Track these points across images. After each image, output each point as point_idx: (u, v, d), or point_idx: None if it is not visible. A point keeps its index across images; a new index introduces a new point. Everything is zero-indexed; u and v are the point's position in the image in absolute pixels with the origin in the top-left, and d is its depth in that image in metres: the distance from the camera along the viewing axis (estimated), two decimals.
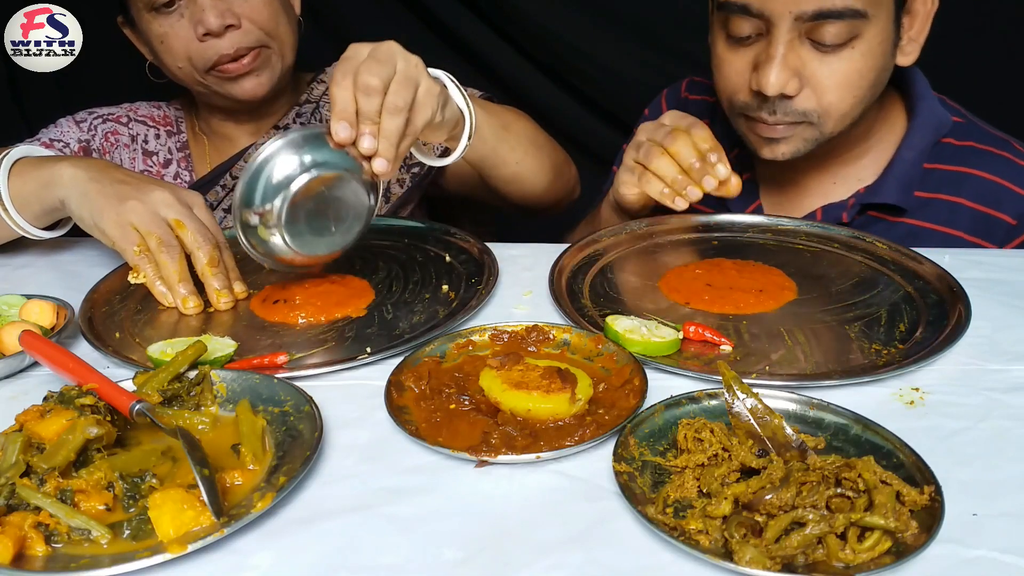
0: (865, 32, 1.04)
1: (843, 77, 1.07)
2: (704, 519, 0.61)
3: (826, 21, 1.02)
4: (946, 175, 1.16)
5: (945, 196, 1.16)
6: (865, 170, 1.21)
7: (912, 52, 1.13)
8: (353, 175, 0.92)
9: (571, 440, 0.70)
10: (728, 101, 1.16)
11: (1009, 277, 1.02)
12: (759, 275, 1.02)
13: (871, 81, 1.09)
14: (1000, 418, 0.75)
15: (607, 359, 0.84)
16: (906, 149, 1.17)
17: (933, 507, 0.61)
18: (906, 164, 1.16)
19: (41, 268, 1.12)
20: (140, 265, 0.97)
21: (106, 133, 1.37)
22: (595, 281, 1.03)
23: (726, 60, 1.12)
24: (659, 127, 1.09)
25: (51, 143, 1.30)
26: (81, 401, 0.72)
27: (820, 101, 1.08)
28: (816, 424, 0.73)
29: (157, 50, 1.29)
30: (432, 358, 0.84)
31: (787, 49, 1.05)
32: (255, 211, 0.91)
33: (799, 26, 1.04)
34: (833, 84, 1.07)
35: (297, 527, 0.64)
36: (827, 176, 1.23)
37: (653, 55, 1.90)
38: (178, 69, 1.29)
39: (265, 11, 1.26)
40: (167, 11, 1.24)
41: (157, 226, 0.96)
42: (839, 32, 1.03)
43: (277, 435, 0.73)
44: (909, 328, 0.90)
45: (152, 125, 1.43)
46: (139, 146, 1.40)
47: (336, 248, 0.97)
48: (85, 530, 0.62)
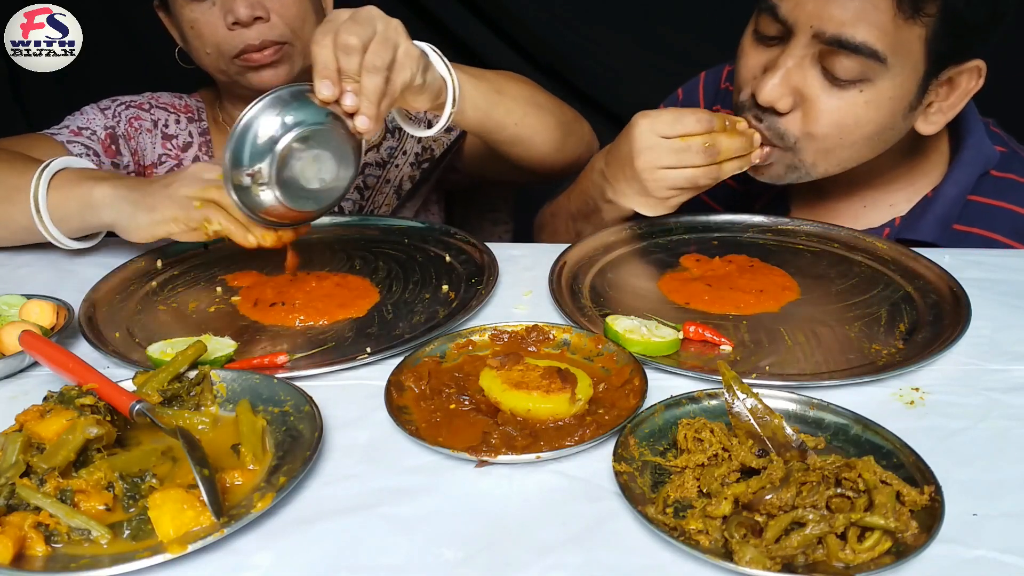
0: (878, 80, 0.99)
1: (839, 115, 1.02)
2: (704, 519, 0.61)
3: (841, 52, 0.98)
4: (984, 208, 1.13)
5: (980, 231, 1.13)
6: (897, 195, 1.18)
7: (937, 123, 1.08)
8: (336, 129, 0.94)
9: (571, 440, 0.70)
10: (735, 94, 1.14)
11: (1009, 277, 1.02)
12: (761, 275, 1.02)
13: (868, 132, 1.04)
14: (1000, 418, 0.75)
15: (607, 359, 0.84)
16: (951, 185, 1.13)
17: (933, 507, 0.61)
18: (948, 201, 1.12)
19: (41, 268, 1.12)
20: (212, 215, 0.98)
21: (129, 119, 1.40)
22: (595, 281, 1.03)
23: (746, 53, 1.10)
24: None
25: (79, 131, 1.32)
26: (81, 401, 0.72)
27: (804, 128, 1.04)
28: (816, 424, 0.73)
29: (187, 35, 1.32)
30: (432, 358, 0.84)
31: (795, 64, 1.01)
32: (246, 172, 0.92)
33: (815, 45, 1.00)
34: (825, 118, 1.02)
35: (297, 527, 0.64)
36: (856, 199, 1.20)
37: (653, 55, 1.90)
38: (206, 55, 1.32)
39: (293, 8, 1.31)
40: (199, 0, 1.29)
41: (206, 190, 0.98)
42: (851, 68, 0.99)
43: (277, 435, 0.73)
44: (909, 328, 0.90)
45: (173, 112, 1.46)
46: (159, 130, 1.43)
47: (326, 202, 0.99)
48: (85, 530, 0.62)
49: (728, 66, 1.37)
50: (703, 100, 1.36)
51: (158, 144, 1.43)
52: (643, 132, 1.04)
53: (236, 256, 1.10)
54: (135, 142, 1.39)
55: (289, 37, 1.31)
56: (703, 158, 1.03)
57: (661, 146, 1.03)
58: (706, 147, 1.02)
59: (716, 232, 1.16)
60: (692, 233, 1.16)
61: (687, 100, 1.39)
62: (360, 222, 1.22)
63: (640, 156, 1.04)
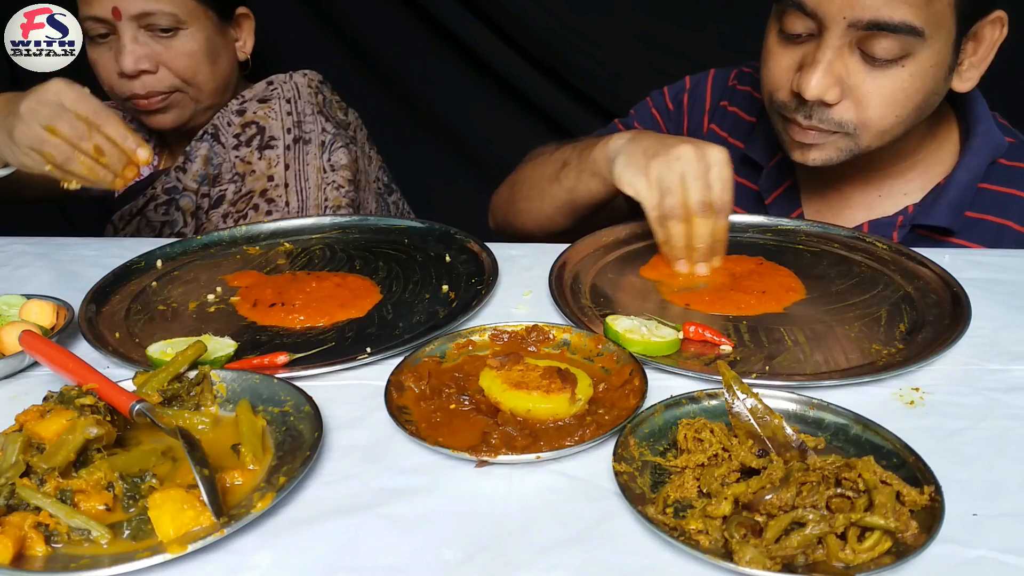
0: (918, 52, 1.01)
1: (888, 94, 1.03)
2: (704, 519, 0.61)
3: (879, 33, 0.99)
4: (995, 196, 1.14)
5: (992, 217, 1.14)
6: (911, 184, 1.19)
7: (971, 79, 1.09)
8: None
9: (571, 440, 0.70)
10: (768, 97, 1.14)
11: (1009, 277, 1.02)
12: (768, 276, 1.02)
13: (917, 103, 1.06)
14: (1000, 418, 0.75)
15: (607, 359, 0.84)
16: (963, 171, 1.14)
17: (933, 507, 0.61)
18: (960, 187, 1.14)
19: (41, 268, 1.12)
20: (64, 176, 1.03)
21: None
22: (595, 281, 1.03)
23: (774, 54, 1.10)
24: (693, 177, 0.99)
25: None
26: (81, 401, 0.72)
27: (859, 114, 1.05)
28: (816, 424, 0.73)
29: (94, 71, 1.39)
30: (432, 358, 0.84)
31: (835, 55, 1.02)
32: None
33: (851, 34, 1.00)
34: (876, 100, 1.04)
35: (297, 527, 0.64)
36: (872, 188, 1.21)
37: (653, 55, 1.90)
38: (107, 92, 1.40)
39: (183, 61, 1.37)
40: (99, 41, 1.36)
41: (42, 142, 1.00)
42: (891, 47, 1.00)
43: (277, 435, 0.73)
44: (909, 328, 0.90)
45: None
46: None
47: None
48: (85, 530, 0.62)
49: (738, 67, 1.37)
50: (710, 96, 1.37)
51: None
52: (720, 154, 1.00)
53: (236, 257, 1.10)
54: None
55: (179, 86, 1.38)
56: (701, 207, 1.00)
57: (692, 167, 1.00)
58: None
59: None
60: None
61: (694, 91, 1.39)
62: (360, 222, 1.22)
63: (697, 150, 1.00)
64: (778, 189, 1.26)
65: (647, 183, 1.01)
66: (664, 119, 1.41)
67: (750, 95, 1.33)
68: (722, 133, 1.35)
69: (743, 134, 1.32)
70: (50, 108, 1.00)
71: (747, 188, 1.30)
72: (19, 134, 1.01)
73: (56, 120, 1.00)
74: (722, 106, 1.35)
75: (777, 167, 1.24)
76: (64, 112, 1.00)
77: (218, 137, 1.44)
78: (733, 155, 1.32)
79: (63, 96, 1.01)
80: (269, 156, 1.42)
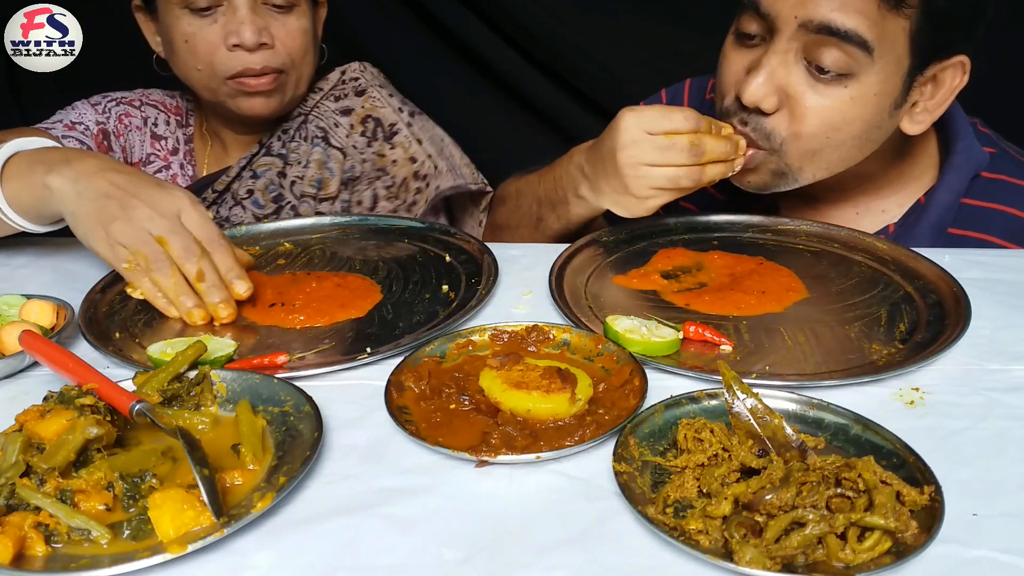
0: (863, 74, 0.99)
1: (825, 112, 1.01)
2: (704, 519, 0.61)
3: (828, 40, 0.97)
4: (976, 211, 1.13)
5: (975, 233, 1.13)
6: (888, 201, 1.18)
7: (923, 122, 1.07)
8: None
9: (571, 440, 0.70)
10: (718, 102, 1.13)
11: (1009, 277, 1.02)
12: (768, 276, 1.02)
13: (854, 130, 1.03)
14: (1000, 418, 0.75)
15: (607, 359, 0.84)
16: (944, 191, 1.13)
17: (933, 507, 0.61)
18: (942, 207, 1.12)
19: (41, 268, 1.12)
20: (136, 281, 0.95)
21: (119, 116, 1.38)
22: (595, 281, 1.03)
23: (727, 57, 1.10)
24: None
25: (72, 126, 1.31)
26: (81, 401, 0.72)
27: (791, 127, 1.03)
28: (816, 424, 0.73)
29: (177, 47, 1.27)
30: (432, 358, 0.84)
31: (779, 62, 1.01)
32: None
33: (801, 38, 0.99)
34: (811, 115, 1.01)
35: (297, 527, 0.64)
36: (849, 205, 1.20)
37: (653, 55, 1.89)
38: (195, 71, 1.28)
39: (299, 39, 1.28)
40: (202, 14, 1.24)
41: (144, 244, 0.92)
42: (837, 60, 0.98)
43: (277, 435, 0.73)
44: (909, 328, 0.90)
45: (163, 111, 1.44)
46: (149, 129, 1.42)
47: None
48: (85, 530, 0.62)
49: (712, 78, 1.37)
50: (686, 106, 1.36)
51: (147, 142, 1.42)
52: (629, 126, 1.02)
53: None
54: (124, 139, 1.38)
55: (288, 66, 1.29)
56: (688, 157, 1.01)
57: (646, 141, 1.01)
58: (692, 146, 1.01)
59: (716, 232, 1.16)
60: (692, 233, 1.16)
61: (670, 103, 1.38)
62: (360, 222, 1.22)
63: (624, 150, 1.02)
64: (756, 204, 1.26)
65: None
66: None
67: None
68: None
69: None
70: (169, 222, 0.92)
71: (726, 204, 1.29)
72: (118, 229, 0.92)
73: (171, 235, 0.92)
74: None
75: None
76: (182, 230, 0.93)
77: (328, 140, 1.39)
78: None
79: (186, 214, 0.94)
80: (400, 141, 1.39)
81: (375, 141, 1.40)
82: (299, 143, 1.40)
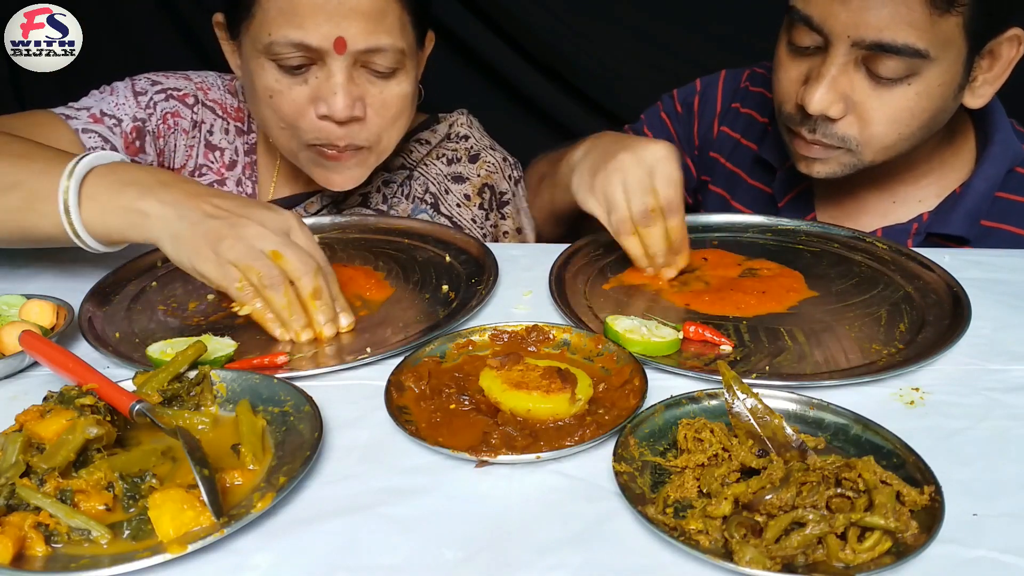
0: (925, 71, 1.00)
1: (893, 112, 1.03)
2: (704, 519, 0.61)
3: (884, 54, 0.98)
4: (1011, 205, 1.14)
5: (1008, 227, 1.14)
6: (926, 190, 1.18)
7: (985, 95, 1.08)
8: None
9: (571, 440, 0.70)
10: (778, 108, 1.14)
11: (1009, 277, 1.02)
12: (769, 277, 1.02)
13: (923, 121, 1.05)
14: (1000, 418, 0.76)
15: (607, 359, 0.84)
16: (980, 180, 1.14)
17: (933, 507, 0.61)
18: (978, 195, 1.13)
19: (41, 268, 1.12)
20: (246, 300, 0.89)
21: (165, 114, 1.23)
22: (595, 281, 1.03)
23: (783, 65, 1.10)
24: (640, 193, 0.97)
25: (100, 117, 1.17)
26: (81, 401, 0.72)
27: (862, 131, 1.05)
28: (816, 424, 0.73)
29: (259, 97, 1.13)
30: (432, 358, 0.84)
31: (839, 71, 1.02)
32: None
33: (856, 52, 1.00)
34: (881, 117, 1.03)
35: (297, 527, 0.64)
36: (886, 194, 1.20)
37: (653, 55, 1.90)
38: (278, 128, 1.14)
39: (395, 107, 1.13)
40: (293, 72, 1.09)
41: (256, 260, 0.86)
42: (896, 67, 0.99)
43: (277, 435, 0.73)
44: (909, 328, 0.90)
45: (222, 115, 1.27)
46: (202, 136, 1.26)
47: None
48: (85, 530, 0.62)
49: (750, 68, 1.37)
50: (721, 98, 1.36)
51: (198, 150, 1.26)
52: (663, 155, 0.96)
53: None
54: (164, 141, 1.23)
55: (373, 143, 1.15)
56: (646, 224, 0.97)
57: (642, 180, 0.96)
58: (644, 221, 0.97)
59: (716, 232, 1.16)
60: (692, 233, 1.15)
61: (704, 93, 1.38)
62: (360, 222, 1.22)
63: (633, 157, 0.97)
64: (791, 192, 1.26)
65: (595, 201, 1.00)
66: (673, 123, 1.41)
67: (763, 96, 1.33)
68: (734, 135, 1.34)
69: (756, 136, 1.32)
70: (281, 237, 0.88)
71: (761, 191, 1.30)
72: (228, 247, 0.86)
73: (286, 249, 0.87)
74: (734, 108, 1.35)
75: (791, 170, 1.23)
76: (295, 245, 0.88)
77: (439, 207, 1.29)
78: (747, 157, 1.32)
79: (295, 234, 0.90)
80: (509, 212, 1.34)
81: (491, 212, 1.33)
82: (400, 200, 1.30)
